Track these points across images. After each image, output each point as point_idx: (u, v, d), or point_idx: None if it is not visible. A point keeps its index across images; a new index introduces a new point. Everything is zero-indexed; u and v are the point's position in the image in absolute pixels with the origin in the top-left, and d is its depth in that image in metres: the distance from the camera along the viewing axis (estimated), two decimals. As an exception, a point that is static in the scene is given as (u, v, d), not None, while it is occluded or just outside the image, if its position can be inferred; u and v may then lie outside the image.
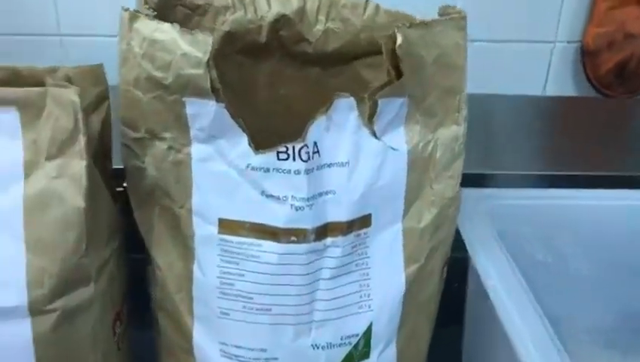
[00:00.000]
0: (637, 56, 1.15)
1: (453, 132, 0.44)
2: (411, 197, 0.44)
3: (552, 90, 1.12)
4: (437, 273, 0.48)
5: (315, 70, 0.52)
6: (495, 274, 0.45)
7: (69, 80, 0.41)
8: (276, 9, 0.48)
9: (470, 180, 0.59)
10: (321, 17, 0.49)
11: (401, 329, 0.47)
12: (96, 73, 0.43)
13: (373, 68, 0.51)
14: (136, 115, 0.41)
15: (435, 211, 0.45)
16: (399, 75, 0.40)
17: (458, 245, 0.51)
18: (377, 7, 0.49)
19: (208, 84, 0.38)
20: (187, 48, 0.37)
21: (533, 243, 0.49)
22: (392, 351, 0.47)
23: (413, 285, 0.46)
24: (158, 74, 0.38)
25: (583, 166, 0.69)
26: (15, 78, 0.41)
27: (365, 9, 0.49)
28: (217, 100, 0.39)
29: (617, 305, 0.43)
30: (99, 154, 0.44)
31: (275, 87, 0.53)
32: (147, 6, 0.42)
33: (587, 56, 1.16)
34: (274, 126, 0.53)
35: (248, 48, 0.49)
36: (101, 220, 0.42)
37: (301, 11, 0.49)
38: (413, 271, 0.45)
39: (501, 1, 0.91)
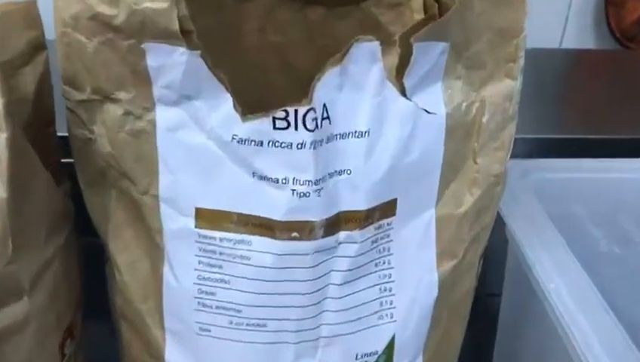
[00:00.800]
0: (665, 5, 1.03)
1: (505, 88, 0.33)
2: (449, 175, 0.34)
3: (569, 43, 1.01)
4: (474, 268, 0.38)
5: (317, 11, 0.41)
6: (554, 272, 0.35)
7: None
8: None
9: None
10: (327, -63, 0.37)
11: (429, 339, 0.37)
12: (27, 13, 0.32)
13: (392, 7, 0.39)
14: (79, 69, 0.29)
15: (478, 192, 0.35)
16: (440, 10, 0.29)
17: (496, 230, 0.41)
18: None
19: (176, 24, 0.27)
20: (143, -29, 0.26)
21: (593, 228, 0.39)
22: (418, 367, 0.37)
23: (446, 285, 0.36)
24: (105, 10, 0.27)
25: (628, 129, 0.59)
26: None
27: None
28: (189, 47, 0.27)
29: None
30: (34, 121, 0.33)
31: (267, 33, 0.41)
32: None
33: (611, 6, 1.04)
34: (265, 86, 0.42)
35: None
36: (37, 211, 0.31)
37: None
38: (449, 269, 0.35)
39: None
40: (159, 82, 0.29)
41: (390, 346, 0.35)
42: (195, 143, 0.30)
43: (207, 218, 0.31)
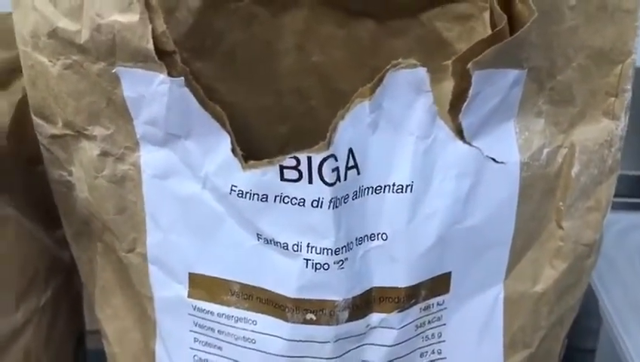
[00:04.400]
0: None
1: (603, 130, 0.25)
2: (523, 243, 0.26)
3: None
4: (555, 357, 0.29)
5: (366, 25, 0.34)
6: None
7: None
8: None
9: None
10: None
11: None
12: (3, 27, 0.26)
13: (460, 21, 0.32)
14: (46, 97, 0.24)
15: (563, 266, 0.26)
16: (512, 26, 0.21)
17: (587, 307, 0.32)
18: None
19: (150, 43, 0.20)
20: (110, -25, 0.20)
21: None
22: None
23: (517, 383, 0.27)
24: (66, 24, 0.21)
25: None
26: None
27: None
28: (171, 73, 0.21)
29: None
30: (12, 159, 0.27)
31: (306, 51, 0.35)
32: None
33: None
34: (305, 114, 0.36)
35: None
36: (3, 271, 0.26)
37: None
38: (520, 361, 0.27)
39: None
40: (141, 117, 0.23)
41: None
42: (188, 194, 0.24)
43: (203, 286, 0.25)
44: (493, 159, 0.24)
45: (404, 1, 0.32)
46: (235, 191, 0.23)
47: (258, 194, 0.22)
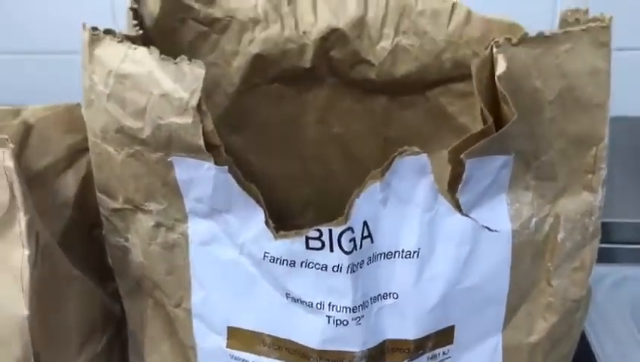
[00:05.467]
0: None
1: (583, 203, 0.28)
2: (517, 299, 0.30)
3: None
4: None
5: (380, 101, 0.38)
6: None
7: (29, 128, 0.29)
8: (325, 21, 0.35)
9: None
10: (388, 30, 0.35)
11: None
12: (71, 116, 0.31)
13: (461, 97, 0.36)
14: (110, 178, 0.28)
15: (554, 319, 0.30)
16: (500, 120, 0.25)
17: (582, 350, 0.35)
18: (469, 13, 0.34)
19: (200, 139, 0.25)
20: (168, 86, 0.24)
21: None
22: None
23: (517, 424, 0.31)
24: (132, 123, 0.26)
25: None
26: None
27: (451, 17, 0.34)
28: (217, 162, 0.25)
29: None
30: (75, 226, 0.32)
31: (328, 124, 0.39)
32: (136, 24, 0.30)
33: None
34: (327, 178, 0.40)
35: (288, 76, 0.36)
36: (68, 321, 0.30)
37: (360, 23, 0.35)
38: (519, 405, 0.30)
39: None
40: (190, 195, 0.27)
41: None
42: (228, 259, 0.28)
43: (239, 338, 0.29)
44: (488, 228, 0.28)
45: (412, 81, 0.36)
46: (267, 257, 0.27)
47: (287, 260, 0.27)
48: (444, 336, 0.29)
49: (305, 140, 0.40)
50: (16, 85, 0.61)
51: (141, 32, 0.30)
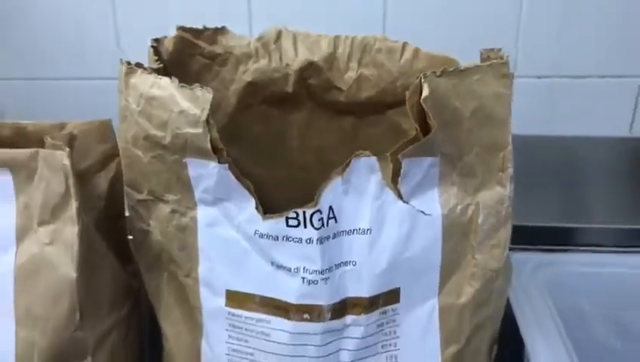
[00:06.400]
0: None
1: (497, 194, 0.38)
2: (449, 268, 0.38)
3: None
4: (483, 354, 0.41)
5: (349, 120, 0.47)
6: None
7: (73, 138, 0.38)
8: (303, 56, 0.44)
9: (538, 236, 0.52)
10: (353, 64, 0.44)
11: (439, 420, 0.40)
12: (104, 129, 0.40)
13: (409, 117, 0.45)
14: (138, 176, 0.37)
15: (477, 285, 0.39)
16: (427, 130, 0.34)
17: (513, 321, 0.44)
18: (416, 50, 0.44)
19: (208, 145, 0.34)
20: (185, 105, 0.33)
21: (599, 323, 0.42)
22: None
23: (452, 370, 0.39)
24: (156, 132, 0.35)
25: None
26: (20, 136, 0.39)
27: (402, 53, 0.44)
28: (220, 161, 0.34)
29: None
30: (107, 215, 0.41)
31: (307, 138, 0.48)
32: (157, 58, 0.39)
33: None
34: (307, 182, 0.49)
35: (274, 98, 0.45)
36: (102, 288, 0.39)
37: (331, 57, 0.44)
38: (452, 353, 0.39)
39: (582, 34, 0.82)
40: (199, 188, 0.36)
41: (397, 422, 0.39)
42: (227, 236, 0.37)
43: (235, 299, 0.38)
44: (423, 212, 0.37)
45: (373, 103, 0.46)
46: (257, 233, 0.36)
47: (272, 236, 0.36)
48: (391, 296, 0.38)
49: (289, 151, 0.49)
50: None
51: (161, 65, 0.39)
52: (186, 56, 0.43)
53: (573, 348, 0.39)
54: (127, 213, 0.39)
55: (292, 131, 0.48)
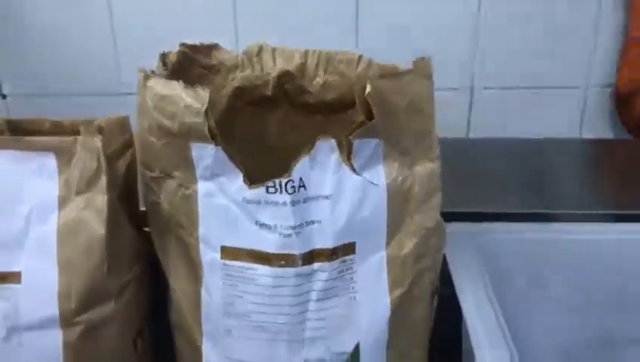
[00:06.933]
0: (671, 100, 1.16)
1: (428, 169, 0.49)
2: (393, 227, 0.49)
3: (588, 134, 1.16)
4: (424, 300, 0.52)
5: (318, 118, 0.59)
6: (474, 309, 0.49)
7: (101, 130, 0.49)
8: (280, 66, 0.55)
9: (472, 218, 0.64)
10: (320, 72, 0.56)
11: (390, 351, 0.51)
12: (123, 123, 0.51)
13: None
14: (151, 158, 0.48)
15: (415, 240, 0.50)
16: (372, 119, 0.46)
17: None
18: (370, 61, 0.55)
19: (207, 131, 0.45)
20: (189, 101, 0.45)
21: (518, 274, 0.53)
22: (382, 369, 0.51)
23: (398, 309, 0.50)
24: (167, 122, 0.46)
25: (580, 204, 0.72)
26: (58, 129, 0.50)
27: (358, 64, 0.55)
28: (216, 144, 0.46)
29: (588, 325, 0.46)
30: (124, 193, 0.51)
31: (285, 133, 0.59)
32: (164, 67, 0.50)
33: (620, 100, 1.18)
34: (285, 167, 0.60)
35: (257, 101, 0.57)
36: (123, 247, 0.49)
37: (302, 67, 0.56)
38: (398, 295, 0.50)
39: (533, 50, 0.98)
40: (200, 166, 0.47)
41: (356, 350, 0.50)
42: (221, 204, 0.48)
43: (228, 253, 0.48)
44: (372, 182, 0.48)
45: (337, 104, 0.57)
46: (244, 200, 0.47)
47: (256, 201, 0.47)
48: (349, 248, 0.48)
49: (269, 145, 0.60)
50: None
51: (166, 73, 0.50)
52: (187, 67, 0.54)
53: (497, 297, 0.50)
54: (139, 190, 0.50)
55: (272, 127, 0.59)
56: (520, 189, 0.77)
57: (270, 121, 0.58)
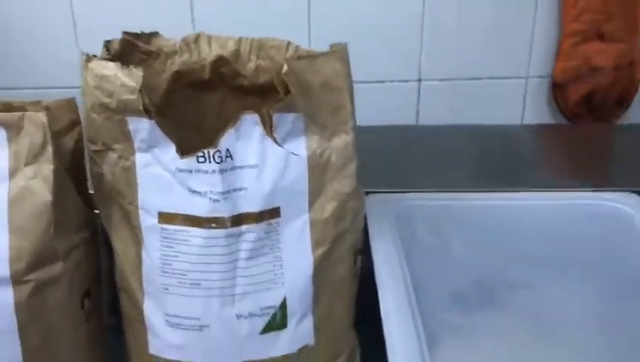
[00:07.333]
0: (602, 88, 1.25)
1: (344, 140, 0.55)
2: (314, 193, 0.55)
3: (529, 121, 1.25)
4: (346, 259, 0.58)
5: (252, 99, 0.64)
6: (383, 260, 0.55)
7: (48, 108, 0.54)
8: (215, 51, 0.61)
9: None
10: (253, 57, 0.61)
11: (316, 306, 0.57)
12: (69, 104, 0.56)
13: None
14: (94, 132, 0.53)
15: (335, 204, 0.56)
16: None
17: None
18: (297, 47, 0.61)
19: (141, 106, 0.50)
20: (125, 80, 0.50)
21: (425, 232, 0.59)
22: (308, 323, 0.57)
23: (321, 266, 0.56)
24: (106, 100, 0.51)
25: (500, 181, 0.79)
26: (7, 108, 0.54)
27: (287, 49, 0.61)
28: (149, 118, 0.51)
29: (474, 273, 0.53)
30: (73, 166, 0.57)
31: (222, 113, 0.65)
32: (107, 52, 0.56)
33: (556, 89, 1.27)
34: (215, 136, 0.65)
35: (195, 84, 0.62)
36: (69, 213, 0.55)
37: (236, 53, 0.61)
38: (320, 254, 0.56)
39: (478, 44, 1.06)
40: (137, 139, 0.53)
41: (283, 304, 0.56)
42: (157, 173, 0.53)
43: (165, 217, 0.54)
44: (294, 153, 0.54)
45: (269, 86, 0.63)
46: (177, 169, 0.52)
47: (188, 170, 0.52)
48: (274, 212, 0.54)
49: (208, 124, 0.65)
50: None
51: (110, 58, 0.55)
52: (128, 53, 0.59)
53: (405, 251, 0.57)
54: (87, 162, 0.56)
55: (210, 109, 0.65)
56: (455, 169, 0.84)
57: (208, 102, 0.64)
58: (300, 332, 0.57)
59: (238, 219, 0.53)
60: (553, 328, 0.44)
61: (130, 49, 0.59)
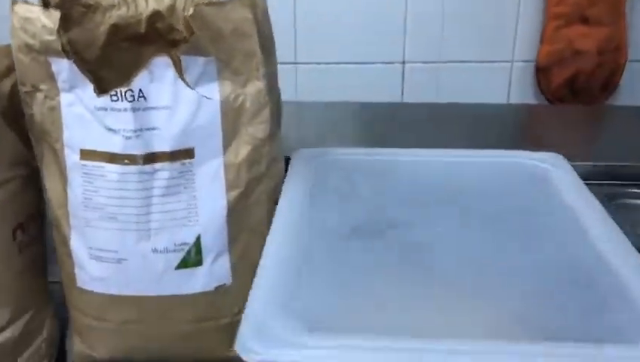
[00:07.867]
0: (585, 72, 1.25)
1: (257, 87, 0.58)
2: (229, 137, 0.58)
3: (514, 101, 1.27)
4: (262, 204, 0.61)
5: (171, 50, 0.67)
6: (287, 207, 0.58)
7: (-14, 54, 0.58)
8: (152, 6, 0.64)
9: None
10: (186, 12, 0.65)
11: (232, 246, 0.60)
12: (6, 50, 0.60)
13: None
14: (23, 74, 0.58)
15: (249, 148, 0.58)
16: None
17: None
18: (229, 3, 0.64)
19: (60, 47, 0.54)
20: (45, 21, 0.54)
21: (337, 178, 0.62)
22: (224, 262, 0.60)
23: (236, 208, 0.59)
24: (30, 41, 0.55)
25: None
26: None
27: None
28: (69, 58, 0.55)
29: (371, 210, 0.55)
30: (9, 110, 0.61)
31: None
32: (42, 4, 0.60)
33: (540, 72, 1.27)
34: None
35: (132, 37, 0.65)
36: (3, 150, 0.59)
37: (172, 8, 0.64)
38: (235, 196, 0.59)
39: (467, 29, 1.09)
40: (60, 79, 0.56)
41: (197, 241, 0.59)
42: (79, 112, 0.57)
43: (86, 154, 0.58)
44: (206, 97, 0.57)
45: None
46: (95, 107, 0.56)
47: (104, 108, 0.56)
48: (188, 152, 0.57)
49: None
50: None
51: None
52: (68, 6, 0.63)
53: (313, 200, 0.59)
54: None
55: (147, 60, 0.68)
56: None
57: (146, 55, 0.67)
58: (216, 271, 0.60)
59: (152, 158, 0.57)
60: (431, 263, 0.46)
61: (70, 2, 0.63)
